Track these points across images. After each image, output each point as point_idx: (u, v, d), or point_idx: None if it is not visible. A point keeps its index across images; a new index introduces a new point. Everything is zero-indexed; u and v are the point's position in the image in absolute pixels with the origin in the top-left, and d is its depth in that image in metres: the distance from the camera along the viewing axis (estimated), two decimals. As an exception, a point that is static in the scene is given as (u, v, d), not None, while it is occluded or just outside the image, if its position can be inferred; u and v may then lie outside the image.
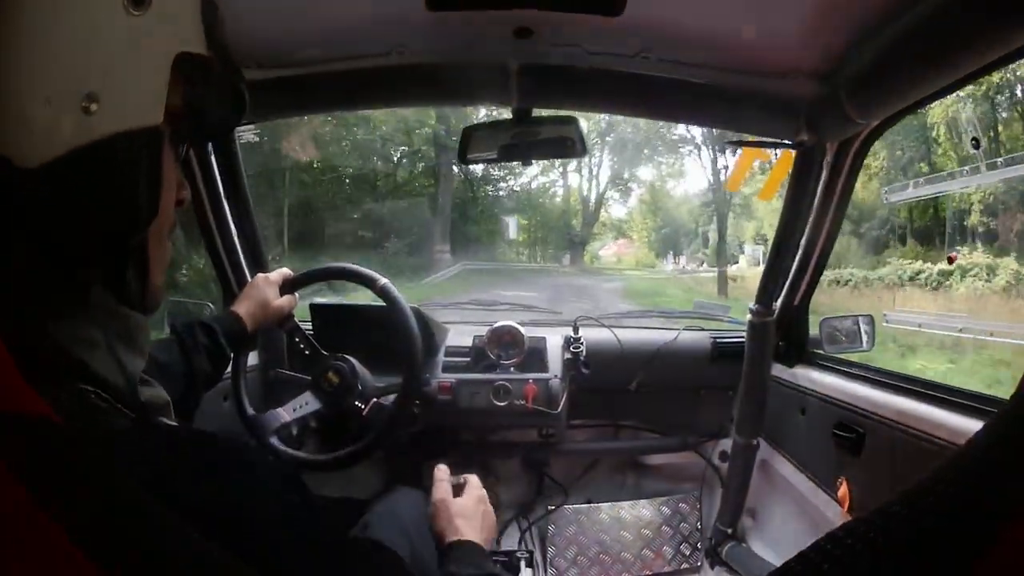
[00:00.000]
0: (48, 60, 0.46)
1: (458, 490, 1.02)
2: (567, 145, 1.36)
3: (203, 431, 0.58)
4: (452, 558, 0.89)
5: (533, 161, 1.48)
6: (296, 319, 1.38)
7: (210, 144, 1.36)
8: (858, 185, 1.49)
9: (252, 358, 1.37)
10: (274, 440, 1.31)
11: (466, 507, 0.99)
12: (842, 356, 1.65)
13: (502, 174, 13.59)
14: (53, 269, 0.50)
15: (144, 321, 0.59)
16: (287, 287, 1.35)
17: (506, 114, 1.40)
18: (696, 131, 13.66)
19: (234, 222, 1.57)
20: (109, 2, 0.49)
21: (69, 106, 0.47)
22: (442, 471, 1.04)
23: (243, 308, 1.26)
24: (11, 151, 0.46)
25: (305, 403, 1.35)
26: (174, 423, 0.61)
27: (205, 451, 0.50)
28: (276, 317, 1.32)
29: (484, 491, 1.04)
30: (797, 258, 1.62)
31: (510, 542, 1.89)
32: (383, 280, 1.37)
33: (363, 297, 1.35)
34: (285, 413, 1.33)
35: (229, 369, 1.29)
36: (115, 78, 0.49)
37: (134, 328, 0.57)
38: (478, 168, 12.00)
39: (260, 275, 1.34)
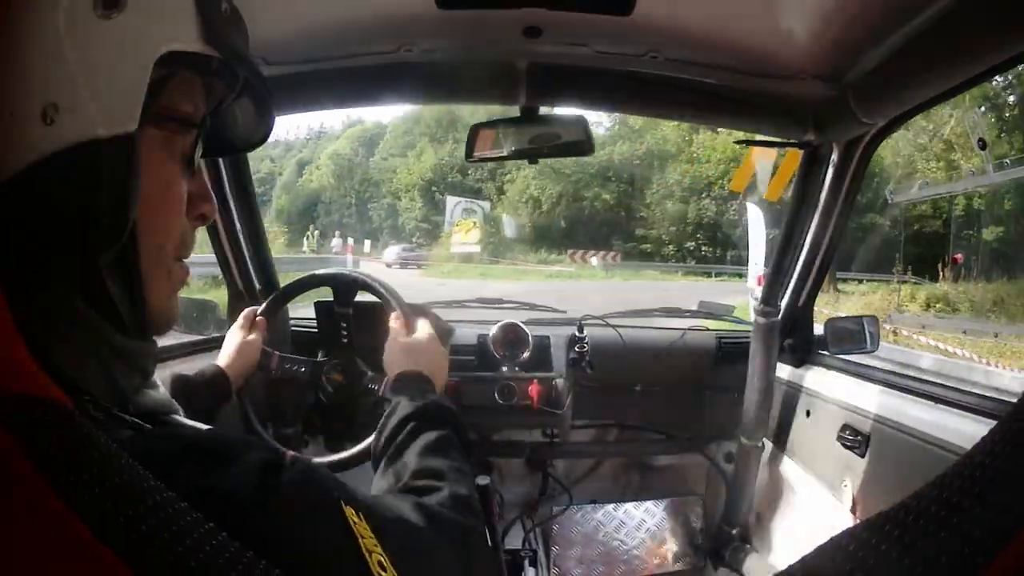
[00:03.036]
0: (5, 69, 0.44)
1: (411, 327, 1.11)
2: (575, 144, 1.36)
3: (202, 434, 0.56)
4: (393, 388, 0.95)
5: (539, 160, 1.48)
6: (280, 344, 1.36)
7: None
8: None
9: None
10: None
11: (414, 342, 1.07)
12: (847, 357, 1.65)
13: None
14: (33, 287, 0.48)
15: (142, 347, 0.55)
16: (254, 323, 1.29)
17: (514, 112, 1.39)
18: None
19: (241, 225, 1.57)
20: (76, 7, 0.45)
21: (28, 116, 0.44)
22: (396, 318, 1.13)
23: (225, 362, 1.21)
24: None
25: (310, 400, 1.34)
26: (180, 422, 0.58)
27: (203, 452, 0.48)
28: (253, 358, 1.26)
29: (433, 331, 1.10)
30: (802, 258, 1.62)
31: (514, 541, 1.89)
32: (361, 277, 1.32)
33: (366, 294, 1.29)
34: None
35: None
36: (81, 87, 0.46)
37: (131, 354, 0.53)
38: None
39: (233, 327, 1.28)
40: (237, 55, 0.56)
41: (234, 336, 1.25)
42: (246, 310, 1.30)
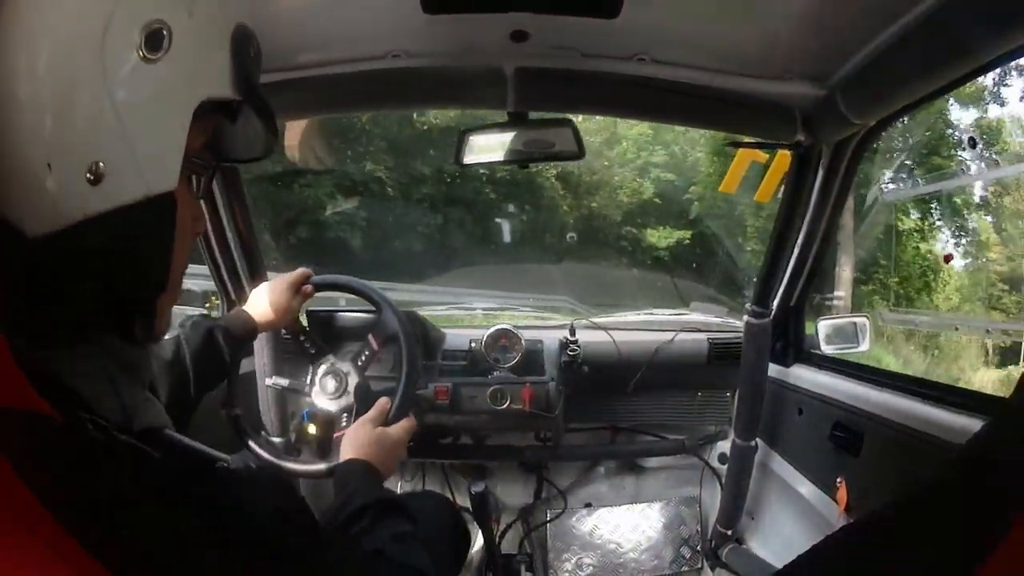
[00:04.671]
0: (49, 121, 0.42)
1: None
2: (564, 148, 1.36)
3: (195, 460, 0.56)
4: (335, 482, 0.95)
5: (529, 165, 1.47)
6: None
7: None
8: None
9: (245, 364, 1.35)
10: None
11: (354, 432, 1.08)
12: (839, 356, 1.66)
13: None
14: (56, 319, 0.48)
15: (147, 354, 0.57)
16: (299, 289, 1.28)
17: (502, 117, 1.39)
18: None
19: (231, 232, 1.55)
20: (120, 50, 0.44)
21: (73, 175, 0.43)
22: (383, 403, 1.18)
23: (255, 309, 1.21)
24: (15, 216, 0.43)
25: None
26: (173, 437, 0.57)
27: (195, 482, 0.49)
28: (285, 321, 1.27)
29: (374, 415, 1.12)
30: (793, 259, 1.63)
31: (510, 546, 1.88)
32: (388, 304, 1.34)
33: (355, 302, 1.33)
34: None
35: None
36: (125, 141, 0.45)
37: (136, 361, 0.55)
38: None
39: (278, 277, 1.27)
40: (258, 96, 0.57)
41: (276, 289, 1.23)
42: (301, 269, 1.28)
